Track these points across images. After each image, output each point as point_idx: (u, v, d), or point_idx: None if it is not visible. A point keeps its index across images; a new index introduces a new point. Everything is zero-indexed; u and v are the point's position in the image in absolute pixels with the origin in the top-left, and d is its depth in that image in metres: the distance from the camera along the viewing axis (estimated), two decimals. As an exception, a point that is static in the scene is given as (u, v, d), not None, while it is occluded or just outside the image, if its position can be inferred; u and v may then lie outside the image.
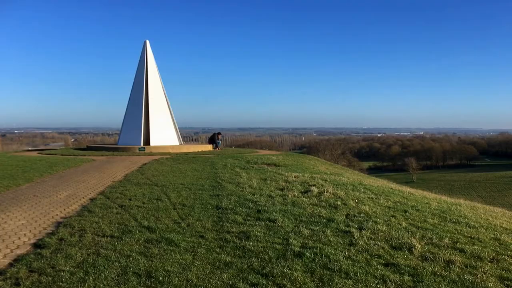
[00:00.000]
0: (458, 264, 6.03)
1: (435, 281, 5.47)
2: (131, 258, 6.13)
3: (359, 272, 5.67)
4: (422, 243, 6.98)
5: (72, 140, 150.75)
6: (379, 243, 6.96)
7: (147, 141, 30.30)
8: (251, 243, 6.84)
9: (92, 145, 34.90)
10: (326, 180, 13.57)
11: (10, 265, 6.08)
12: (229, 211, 9.08)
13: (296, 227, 7.84)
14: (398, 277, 5.55)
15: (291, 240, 7.04)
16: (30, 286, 5.20)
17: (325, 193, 11.01)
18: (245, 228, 7.74)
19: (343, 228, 7.82)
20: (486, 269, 5.90)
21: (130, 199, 10.43)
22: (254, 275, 5.54)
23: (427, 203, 10.69)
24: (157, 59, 32.80)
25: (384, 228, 7.83)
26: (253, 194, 10.97)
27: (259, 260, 6.12)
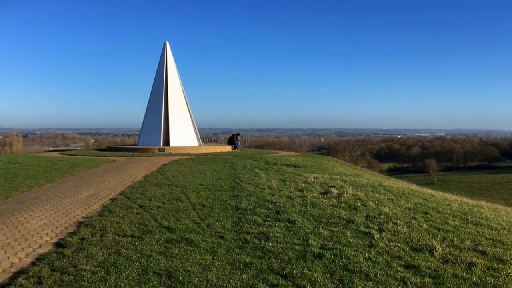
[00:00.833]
0: (480, 267, 5.96)
1: (456, 283, 5.41)
2: (151, 258, 6.17)
3: (379, 273, 5.63)
4: (443, 245, 6.91)
5: (92, 141, 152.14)
6: (399, 244, 6.91)
7: (166, 142, 30.44)
8: (270, 244, 6.84)
9: (112, 146, 35.19)
10: (345, 181, 13.51)
11: (33, 264, 6.17)
12: (248, 212, 9.09)
13: (316, 228, 7.82)
14: (419, 279, 5.50)
15: (310, 241, 7.02)
16: (53, 285, 5.25)
17: (345, 194, 10.97)
18: (264, 229, 7.74)
19: (363, 229, 7.78)
20: (508, 272, 5.82)
21: (150, 200, 10.50)
22: (273, 275, 5.54)
23: (448, 204, 10.58)
24: (177, 60, 32.96)
25: (405, 229, 7.77)
26: (273, 195, 10.97)
27: (279, 261, 6.11)
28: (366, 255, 6.37)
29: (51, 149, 60.67)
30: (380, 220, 8.45)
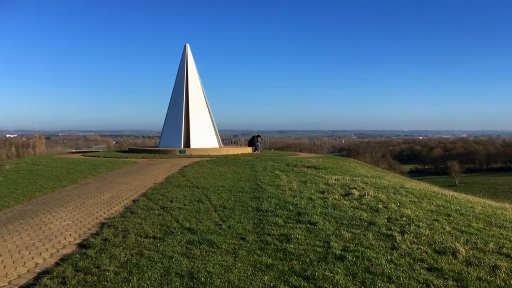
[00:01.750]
0: (504, 270, 5.88)
1: (480, 286, 5.35)
2: (173, 259, 6.21)
3: (402, 276, 5.60)
4: (466, 248, 6.83)
5: (114, 142, 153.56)
6: (422, 247, 6.86)
7: (187, 144, 30.57)
8: (292, 246, 6.84)
9: (133, 148, 35.46)
10: (367, 183, 13.44)
11: (57, 264, 6.25)
12: (269, 214, 9.10)
13: (337, 230, 7.79)
14: (442, 281, 5.45)
15: (332, 243, 7.00)
16: (76, 285, 5.32)
17: (366, 196, 10.91)
18: (285, 231, 7.74)
19: (385, 231, 7.73)
20: (533, 275, 5.74)
21: (171, 201, 10.56)
22: (295, 277, 5.54)
23: (471, 207, 10.47)
24: (197, 61, 33.10)
25: (427, 232, 7.71)
26: (294, 197, 10.96)
27: (300, 262, 6.11)
28: (388, 257, 6.33)
29: (73, 150, 61.43)
30: (402, 222, 8.39)
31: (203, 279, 5.44)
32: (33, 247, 7.09)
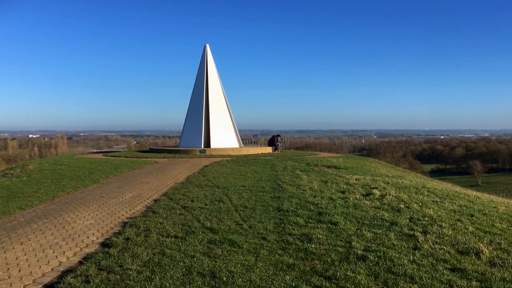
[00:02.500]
0: (529, 271, 5.81)
1: (504, 287, 5.29)
2: (195, 258, 6.24)
3: (424, 276, 5.55)
4: (490, 248, 6.75)
5: (134, 142, 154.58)
6: (444, 247, 6.79)
7: (207, 144, 30.66)
8: (313, 246, 6.83)
9: (154, 148, 35.67)
10: (388, 183, 13.35)
11: (80, 263, 6.32)
12: (290, 213, 9.09)
13: (359, 230, 7.76)
14: (465, 282, 5.39)
15: (353, 243, 6.97)
16: (100, 284, 5.37)
17: (388, 196, 10.84)
18: (306, 231, 7.72)
19: (407, 231, 7.68)
20: (559, 276, 5.66)
21: (192, 201, 10.60)
22: (317, 277, 5.53)
23: (494, 207, 10.33)
24: (217, 61, 33.17)
25: (450, 232, 7.63)
26: (314, 197, 10.93)
27: (322, 262, 6.09)
28: (411, 257, 6.29)
29: (94, 150, 62.04)
30: (424, 222, 8.32)
31: (224, 279, 5.46)
32: (57, 246, 7.18)
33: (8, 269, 6.10)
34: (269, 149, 31.37)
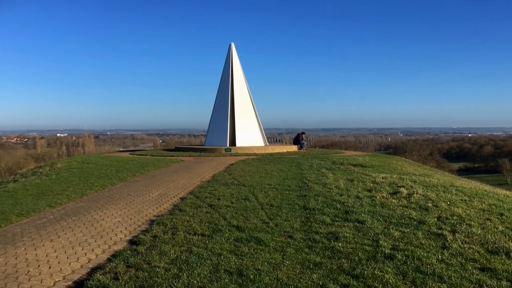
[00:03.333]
0: (561, 271, 5.70)
1: (536, 287, 5.21)
2: (222, 256, 6.27)
3: (453, 276, 5.49)
4: (520, 248, 6.65)
5: (160, 141, 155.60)
6: (474, 246, 6.71)
7: (233, 142, 30.72)
8: (340, 244, 6.80)
9: (180, 146, 35.89)
10: (415, 182, 13.21)
11: (109, 260, 6.40)
12: (316, 212, 9.07)
13: (386, 229, 7.70)
14: (495, 282, 5.32)
15: (381, 242, 6.93)
16: (128, 281, 5.43)
17: (415, 194, 10.73)
18: (333, 229, 7.70)
19: (435, 230, 7.60)
20: None
21: (218, 199, 10.65)
22: (344, 276, 5.51)
23: (524, 206, 10.16)
24: (242, 60, 33.22)
25: (479, 231, 7.53)
26: (341, 195, 10.88)
27: (349, 261, 6.07)
28: (439, 256, 6.23)
29: (121, 149, 62.66)
30: (452, 221, 8.22)
31: (251, 277, 5.47)
32: (86, 243, 7.28)
33: (38, 265, 6.21)
34: (294, 148, 31.31)
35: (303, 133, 33.37)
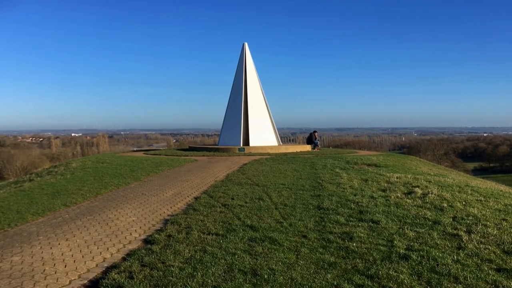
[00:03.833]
0: None
1: (553, 288, 5.16)
2: (236, 256, 6.28)
3: (469, 276, 5.45)
4: (537, 249, 6.58)
5: (174, 141, 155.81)
6: (489, 247, 6.65)
7: (246, 142, 30.73)
8: (354, 244, 6.78)
9: (193, 146, 35.95)
10: (430, 181, 13.13)
11: (123, 259, 6.44)
12: (330, 212, 9.05)
13: (401, 229, 7.66)
14: (511, 283, 5.28)
15: (395, 242, 6.90)
16: (143, 279, 5.46)
17: (430, 194, 10.67)
18: (347, 229, 7.68)
19: (450, 231, 7.55)
20: None
21: (232, 199, 10.66)
22: (358, 276, 5.49)
23: (541, 206, 10.04)
24: (255, 59, 33.20)
25: (495, 232, 7.46)
26: (355, 195, 10.85)
27: (364, 261, 6.05)
28: (455, 257, 6.18)
29: (135, 149, 62.93)
30: (468, 221, 8.16)
31: (266, 276, 5.47)
32: (101, 242, 7.33)
33: (54, 264, 6.27)
34: (308, 147, 31.23)
35: (315, 131, 33.27)
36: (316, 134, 33.04)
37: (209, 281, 5.36)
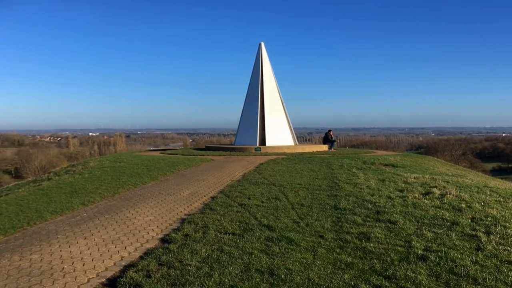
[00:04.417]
0: None
1: None
2: (253, 256, 6.28)
3: (488, 278, 5.40)
4: (558, 250, 6.50)
5: (190, 140, 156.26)
6: (509, 248, 6.58)
7: (262, 142, 30.72)
8: (371, 245, 6.75)
9: (210, 145, 36.01)
10: (448, 182, 13.02)
11: (141, 258, 6.48)
12: (347, 212, 9.02)
13: (418, 230, 7.61)
14: (532, 285, 5.22)
15: (413, 242, 6.85)
16: (160, 278, 5.48)
17: (448, 195, 10.58)
18: (365, 229, 7.64)
19: (469, 232, 7.48)
20: None
21: (249, 198, 10.67)
22: (376, 276, 5.47)
23: (561, 207, 9.92)
24: (272, 59, 33.18)
25: (515, 233, 7.39)
26: (372, 195, 10.80)
27: (381, 262, 6.02)
28: (473, 258, 6.13)
29: (152, 148, 63.22)
30: (487, 222, 8.08)
31: (283, 276, 5.47)
32: (118, 241, 7.38)
33: (73, 262, 6.32)
34: (324, 147, 31.14)
35: (330, 131, 33.16)
36: (331, 133, 32.94)
37: (226, 280, 5.38)
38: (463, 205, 9.48)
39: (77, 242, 7.33)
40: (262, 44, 32.50)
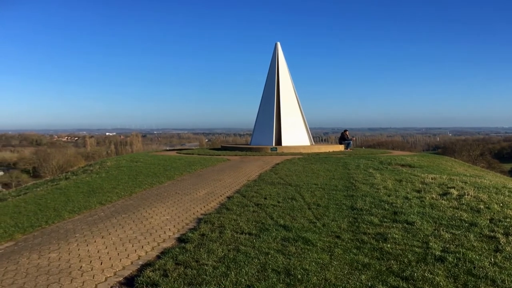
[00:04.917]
0: None
1: None
2: (269, 256, 6.28)
3: (507, 280, 5.34)
4: None
5: (206, 140, 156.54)
6: (528, 250, 6.51)
7: (278, 142, 30.69)
8: (389, 245, 6.72)
9: (226, 145, 36.05)
10: (466, 182, 12.90)
11: (158, 257, 6.51)
12: (364, 212, 8.98)
13: (436, 231, 7.56)
14: (552, 287, 5.16)
15: (431, 243, 6.80)
16: (177, 278, 5.51)
17: (466, 196, 10.49)
18: (381, 230, 7.61)
19: (487, 233, 7.41)
20: None
21: (265, 198, 10.67)
22: (393, 277, 5.44)
23: None
24: (288, 58, 33.11)
25: (534, 234, 7.30)
26: (389, 196, 10.74)
27: (398, 262, 5.99)
28: (492, 260, 6.07)
29: (168, 148, 63.44)
30: (506, 223, 7.99)
31: (299, 276, 5.46)
32: (135, 240, 7.42)
33: (90, 261, 6.37)
34: (340, 147, 31.00)
35: (346, 130, 33.01)
36: (347, 133, 32.80)
37: (243, 280, 5.38)
38: (481, 206, 9.39)
39: (95, 241, 7.38)
40: (278, 44, 32.47)
